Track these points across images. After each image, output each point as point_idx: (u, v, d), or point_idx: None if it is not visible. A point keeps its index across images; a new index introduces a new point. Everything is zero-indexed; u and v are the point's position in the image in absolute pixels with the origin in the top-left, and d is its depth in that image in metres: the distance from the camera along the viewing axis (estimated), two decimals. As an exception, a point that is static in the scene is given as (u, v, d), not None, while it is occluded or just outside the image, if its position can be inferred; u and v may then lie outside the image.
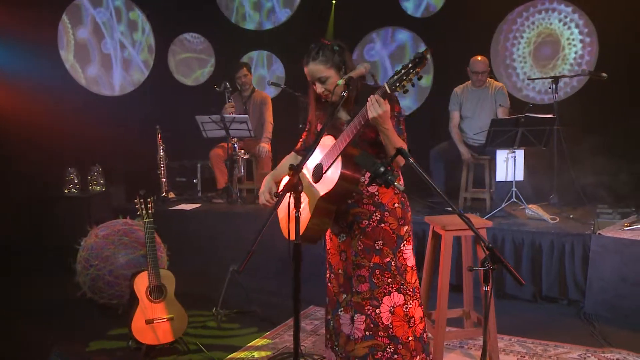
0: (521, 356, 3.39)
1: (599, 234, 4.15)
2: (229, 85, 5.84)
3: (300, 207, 2.50)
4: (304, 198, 2.63)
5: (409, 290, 2.65)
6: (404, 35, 7.46)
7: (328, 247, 2.83)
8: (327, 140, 2.57)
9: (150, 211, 3.60)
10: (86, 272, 4.11)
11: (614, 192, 5.38)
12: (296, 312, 2.24)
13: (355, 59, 7.60)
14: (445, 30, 6.90)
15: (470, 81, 5.41)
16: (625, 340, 3.61)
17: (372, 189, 2.62)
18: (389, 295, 2.63)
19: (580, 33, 6.41)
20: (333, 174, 2.47)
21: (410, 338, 2.66)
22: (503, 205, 4.75)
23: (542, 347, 3.52)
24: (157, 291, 3.49)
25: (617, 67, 5.40)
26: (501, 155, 4.71)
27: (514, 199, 4.72)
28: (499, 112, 5.22)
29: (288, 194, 2.37)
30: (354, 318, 2.68)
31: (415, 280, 2.70)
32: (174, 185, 6.26)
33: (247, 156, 5.96)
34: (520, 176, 4.72)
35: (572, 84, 6.34)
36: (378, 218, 2.63)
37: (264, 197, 2.79)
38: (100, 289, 4.07)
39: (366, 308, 2.65)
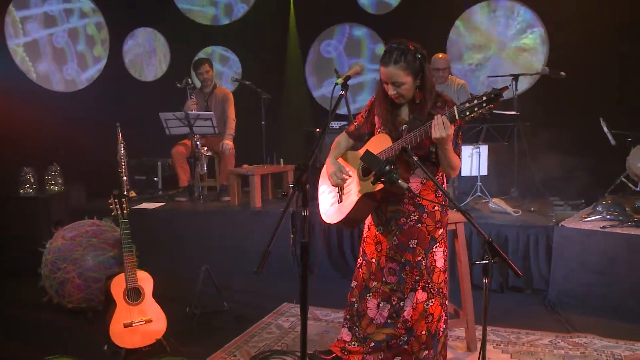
0: (497, 344, 3.52)
1: (561, 225, 4.35)
2: (190, 82, 5.74)
3: (341, 193, 2.79)
4: (352, 181, 2.80)
5: (433, 290, 2.79)
6: (360, 32, 7.54)
7: (365, 236, 2.97)
8: (382, 138, 2.68)
9: (125, 211, 3.51)
10: (53, 276, 3.96)
11: (565, 185, 5.64)
12: (303, 311, 2.25)
13: (311, 56, 7.67)
14: (402, 27, 7.00)
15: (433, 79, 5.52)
16: (589, 325, 3.79)
17: (415, 190, 2.71)
18: (414, 292, 2.78)
19: (532, 32, 6.66)
20: None
21: (423, 332, 2.81)
22: (469, 199, 4.89)
23: (515, 335, 3.66)
24: (134, 293, 3.41)
25: (566, 66, 5.58)
26: (466, 150, 4.85)
27: (478, 193, 4.87)
28: (462, 109, 5.36)
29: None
30: (380, 305, 2.85)
31: (442, 281, 2.83)
32: (133, 184, 6.10)
33: (210, 153, 5.88)
34: (484, 171, 4.88)
35: (526, 82, 6.56)
36: (416, 218, 2.75)
37: (336, 177, 2.82)
38: (69, 292, 3.94)
39: (392, 299, 2.82)
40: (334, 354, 3.00)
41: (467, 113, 2.35)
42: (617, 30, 5.91)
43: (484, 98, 2.31)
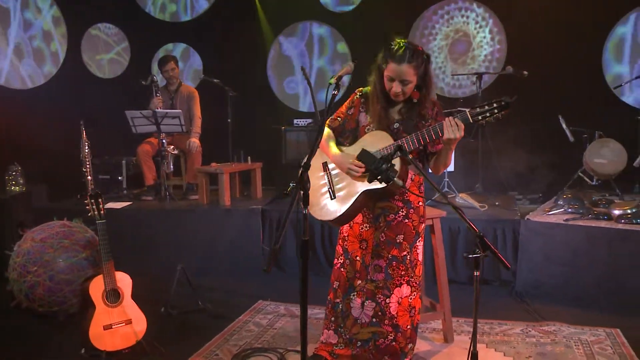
0: (471, 335, 3.64)
1: (527, 219, 4.52)
2: (156, 79, 5.66)
3: (333, 189, 2.79)
4: (344, 178, 2.79)
5: (415, 283, 2.88)
6: (322, 30, 7.58)
7: (345, 235, 2.96)
8: (381, 135, 2.71)
9: (102, 212, 3.45)
10: (23, 280, 3.84)
11: (526, 180, 5.86)
12: (303, 308, 2.27)
13: (272, 53, 7.66)
14: (363, 25, 7.12)
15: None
16: (555, 314, 3.98)
17: (406, 186, 2.77)
18: (400, 287, 2.83)
19: (491, 31, 6.87)
20: None
21: (408, 327, 2.88)
22: (437, 195, 5.02)
23: (488, 325, 3.81)
24: (113, 295, 3.36)
25: (525, 64, 5.75)
26: (434, 147, 4.98)
27: (446, 189, 5.01)
28: (428, 107, 5.50)
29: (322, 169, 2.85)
30: (365, 304, 2.85)
31: (421, 274, 2.94)
32: (97, 183, 5.95)
33: (176, 152, 5.82)
34: (451, 167, 5.02)
35: (484, 79, 6.73)
36: (404, 214, 2.81)
37: (355, 167, 2.71)
38: (39, 296, 3.83)
39: (377, 296, 2.83)
40: (324, 358, 3.02)
41: (480, 117, 2.46)
42: (573, 29, 6.16)
43: (495, 105, 2.41)
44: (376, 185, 2.60)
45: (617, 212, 4.42)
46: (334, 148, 2.86)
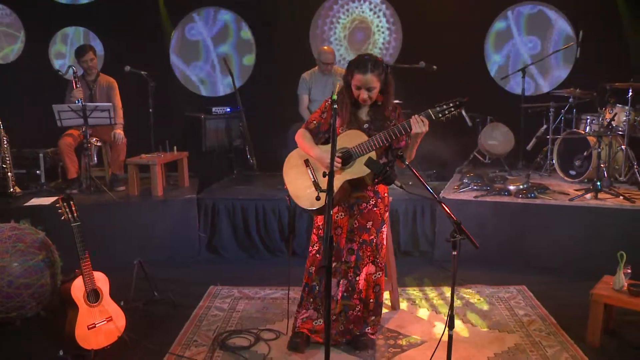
0: (412, 302, 4.24)
1: (442, 197, 5.21)
2: (76, 70, 5.52)
3: (317, 181, 3.20)
4: (322, 172, 3.15)
5: (380, 264, 3.35)
6: (226, 16, 7.70)
7: (320, 224, 3.33)
8: (357, 134, 3.11)
9: (75, 214, 3.51)
10: (-23, 288, 3.76)
11: (430, 159, 6.56)
12: (327, 308, 2.57)
13: (175, 41, 7.63)
14: (267, 13, 7.37)
15: (317, 67, 6.02)
16: (473, 276, 4.70)
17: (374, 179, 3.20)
18: (367, 266, 3.30)
19: (388, 21, 7.48)
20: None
21: (371, 300, 3.37)
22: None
23: (422, 291, 4.43)
24: (93, 295, 3.47)
25: (418, 54, 6.28)
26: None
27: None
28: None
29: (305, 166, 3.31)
30: (340, 282, 3.32)
31: (385, 256, 3.41)
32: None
33: (99, 144, 5.75)
34: (372, 152, 5.54)
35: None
36: (373, 203, 3.28)
37: (336, 163, 3.05)
38: (-3, 303, 3.78)
39: (349, 275, 3.31)
40: (305, 335, 3.42)
41: (440, 115, 2.95)
42: (461, 22, 6.92)
43: (452, 105, 2.92)
44: (353, 176, 3.11)
45: (512, 187, 5.26)
46: (314, 147, 3.28)
